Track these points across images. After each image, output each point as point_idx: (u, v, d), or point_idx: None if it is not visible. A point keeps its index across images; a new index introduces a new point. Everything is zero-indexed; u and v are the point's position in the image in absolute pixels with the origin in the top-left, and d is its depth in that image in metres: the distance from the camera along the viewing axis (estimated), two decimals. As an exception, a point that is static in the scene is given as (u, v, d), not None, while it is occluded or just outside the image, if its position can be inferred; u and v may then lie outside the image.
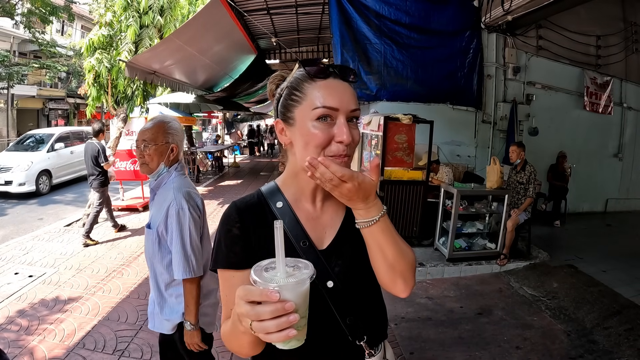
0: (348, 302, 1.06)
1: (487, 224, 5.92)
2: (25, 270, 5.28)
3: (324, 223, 1.12)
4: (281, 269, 0.79)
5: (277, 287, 0.74)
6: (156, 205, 2.11)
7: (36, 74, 23.08)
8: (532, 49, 8.00)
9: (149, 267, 2.19)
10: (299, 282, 0.77)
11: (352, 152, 1.01)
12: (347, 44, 6.48)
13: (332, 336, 1.07)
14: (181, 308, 2.08)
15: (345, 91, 1.00)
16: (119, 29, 7.57)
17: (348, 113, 0.99)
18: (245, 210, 1.11)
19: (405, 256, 1.03)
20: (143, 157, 2.07)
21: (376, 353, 1.13)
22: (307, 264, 0.83)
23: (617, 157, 9.28)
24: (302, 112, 1.00)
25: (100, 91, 7.66)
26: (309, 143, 0.98)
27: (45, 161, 11.52)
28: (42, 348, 3.49)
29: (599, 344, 3.79)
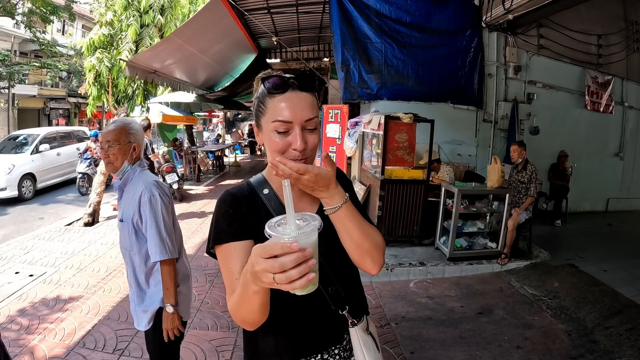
0: (329, 273, 1.22)
1: (488, 223, 5.91)
2: (25, 270, 5.28)
3: (304, 204, 1.27)
4: (292, 223, 0.89)
5: (292, 238, 0.83)
6: (126, 200, 2.23)
7: (37, 73, 23.12)
8: (533, 47, 7.99)
9: (126, 263, 2.29)
10: (311, 231, 0.87)
11: (309, 154, 1.16)
12: (347, 42, 6.45)
13: (317, 306, 1.22)
14: (160, 295, 2.20)
15: (300, 103, 1.13)
16: (119, 28, 7.58)
17: (302, 123, 1.12)
18: (238, 196, 1.26)
19: (369, 237, 1.18)
20: (108, 156, 2.20)
21: (359, 323, 1.28)
22: (313, 216, 0.93)
23: (618, 157, 9.28)
24: (266, 122, 1.16)
25: (101, 90, 7.67)
26: (271, 148, 1.15)
27: (29, 164, 10.70)
28: (42, 347, 3.49)
29: (600, 344, 3.79)
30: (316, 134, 1.17)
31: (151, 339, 2.27)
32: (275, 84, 1.13)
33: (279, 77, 1.13)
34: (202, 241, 6.59)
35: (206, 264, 5.63)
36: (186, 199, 9.97)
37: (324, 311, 1.23)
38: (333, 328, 1.27)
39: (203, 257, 5.91)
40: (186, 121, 13.52)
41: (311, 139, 1.15)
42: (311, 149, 1.16)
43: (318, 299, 1.20)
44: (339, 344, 1.28)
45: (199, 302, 4.45)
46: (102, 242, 6.48)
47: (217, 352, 3.50)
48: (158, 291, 2.20)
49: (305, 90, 1.15)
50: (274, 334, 1.22)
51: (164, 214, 2.17)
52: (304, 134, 1.13)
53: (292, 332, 1.22)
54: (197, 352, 3.49)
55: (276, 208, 1.23)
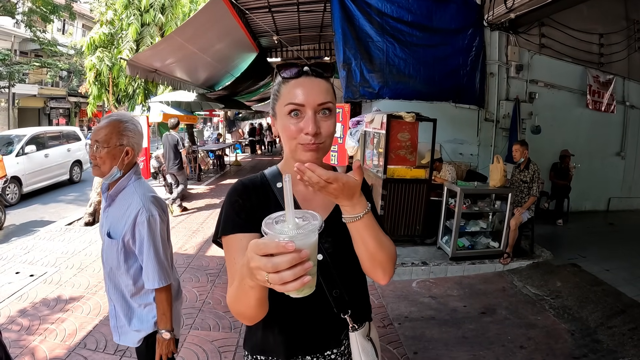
0: (335, 276, 1.20)
1: (490, 223, 5.89)
2: (26, 270, 5.26)
3: (317, 204, 1.24)
4: (291, 221, 0.85)
5: (288, 237, 0.79)
6: (116, 212, 1.99)
7: (37, 72, 23.13)
8: (534, 47, 7.97)
9: (107, 277, 2.07)
10: (310, 232, 0.83)
11: (323, 141, 1.14)
12: (349, 41, 6.44)
13: (319, 308, 1.20)
14: (151, 317, 2.03)
15: (314, 87, 1.13)
16: (120, 27, 7.58)
17: (315, 107, 1.11)
18: (250, 186, 1.26)
19: (384, 248, 1.14)
20: (95, 159, 1.95)
21: (359, 328, 1.25)
22: (314, 215, 0.89)
23: (620, 156, 9.26)
24: (280, 108, 1.16)
25: (102, 89, 7.67)
26: (284, 134, 1.15)
27: (14, 167, 9.78)
28: (43, 348, 3.47)
29: (603, 344, 3.77)
30: (331, 121, 1.16)
31: (143, 357, 2.10)
32: (289, 70, 1.15)
33: (293, 64, 1.15)
34: (203, 241, 6.58)
35: (207, 263, 5.61)
36: (187, 199, 9.94)
37: (325, 313, 1.22)
38: (333, 331, 1.25)
39: (204, 256, 5.90)
40: (187, 120, 13.48)
41: (325, 125, 1.14)
42: (326, 135, 1.14)
43: (320, 300, 1.19)
44: (336, 348, 1.26)
45: (200, 302, 4.43)
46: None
47: (220, 352, 3.48)
48: (149, 313, 2.03)
49: (319, 77, 1.16)
50: (273, 330, 1.22)
51: (163, 236, 1.98)
52: (318, 119, 1.12)
53: (290, 330, 1.22)
54: (199, 352, 3.48)
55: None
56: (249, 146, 22.90)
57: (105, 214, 2.06)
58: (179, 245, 6.32)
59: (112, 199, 2.02)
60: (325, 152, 1.17)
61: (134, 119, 2.07)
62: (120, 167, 1.97)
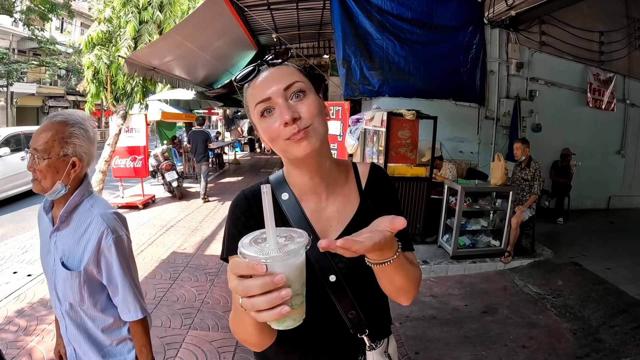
0: (351, 297, 1.06)
1: (491, 221, 5.87)
2: (24, 269, 5.22)
3: (329, 216, 1.12)
4: (272, 240, 0.74)
5: (266, 259, 0.69)
6: (69, 236, 1.61)
7: (35, 71, 23.11)
8: (535, 44, 7.94)
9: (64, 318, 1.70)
10: (289, 252, 0.71)
11: (310, 124, 0.98)
12: (348, 39, 6.42)
13: (334, 329, 1.09)
14: (127, 351, 1.73)
15: (273, 75, 1.00)
16: (118, 25, 7.53)
17: (282, 93, 0.98)
18: (252, 199, 1.13)
19: (412, 280, 1.02)
20: (34, 171, 1.54)
21: (377, 347, 1.14)
22: (301, 233, 0.77)
23: (620, 154, 9.25)
24: (253, 115, 1.03)
25: (100, 88, 7.63)
26: (267, 138, 1.02)
27: None
28: (40, 349, 3.43)
29: (605, 343, 3.75)
30: (309, 99, 1.00)
31: None
32: (244, 75, 1.03)
33: (247, 68, 1.04)
34: (202, 240, 6.54)
35: (206, 262, 5.58)
36: (185, 197, 9.92)
37: (340, 334, 1.10)
38: (348, 351, 1.14)
39: (203, 256, 5.86)
40: (185, 118, 13.47)
41: (304, 106, 0.98)
42: (310, 116, 0.98)
43: (335, 321, 1.08)
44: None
45: (199, 302, 4.39)
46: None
47: (219, 353, 3.45)
48: (124, 348, 1.73)
49: (275, 65, 1.03)
50: (285, 349, 1.12)
51: (132, 257, 1.71)
52: (292, 104, 0.98)
53: (303, 350, 1.12)
54: (198, 353, 3.44)
55: (296, 217, 1.09)
56: (247, 144, 22.87)
57: (52, 239, 1.65)
58: (177, 244, 6.29)
59: (61, 221, 1.61)
60: (319, 135, 1.00)
61: (83, 122, 1.63)
62: (65, 182, 1.56)
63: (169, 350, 3.46)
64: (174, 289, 4.72)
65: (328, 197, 1.13)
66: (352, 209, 1.13)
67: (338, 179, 1.15)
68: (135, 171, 8.91)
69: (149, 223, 7.53)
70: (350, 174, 1.19)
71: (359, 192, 1.16)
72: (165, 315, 4.08)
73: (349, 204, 1.13)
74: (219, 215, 8.17)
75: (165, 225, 7.41)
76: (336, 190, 1.14)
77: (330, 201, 1.13)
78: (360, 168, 1.20)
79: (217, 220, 7.77)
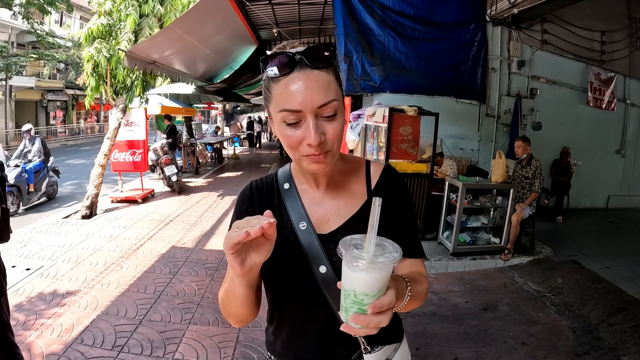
0: None
1: (492, 219, 5.87)
2: (22, 263, 5.20)
3: (328, 209, 1.11)
4: (370, 248, 0.79)
5: (366, 264, 0.76)
6: None
7: (34, 65, 23.06)
8: (536, 43, 7.92)
9: None
10: (390, 263, 0.77)
11: (330, 147, 0.96)
12: (350, 34, 6.39)
13: (327, 323, 1.05)
14: None
15: (311, 85, 0.91)
16: (118, 18, 7.48)
17: (315, 110, 0.92)
18: (258, 190, 1.16)
19: (420, 300, 1.03)
20: None
21: (374, 351, 1.09)
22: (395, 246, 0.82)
23: (620, 154, 9.25)
24: (274, 112, 0.96)
25: (99, 81, 7.58)
26: (284, 143, 0.98)
27: None
28: (39, 343, 3.42)
29: (604, 341, 3.75)
30: (337, 121, 0.96)
31: None
32: (277, 66, 0.93)
33: (282, 54, 0.93)
34: (202, 234, 6.53)
35: (206, 257, 5.57)
36: (185, 192, 9.91)
37: (333, 330, 0.99)
38: (343, 349, 1.10)
39: (203, 250, 5.85)
40: (185, 113, 13.44)
41: (331, 128, 0.94)
42: (332, 140, 0.95)
43: (328, 316, 1.03)
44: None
45: (199, 297, 4.38)
46: (100, 235, 6.41)
47: (219, 348, 3.44)
48: None
49: (318, 67, 0.93)
50: (281, 336, 1.16)
51: None
52: (320, 123, 0.93)
53: (296, 340, 1.14)
54: (198, 348, 3.43)
55: (294, 207, 1.10)
56: (247, 139, 22.84)
57: None
58: (177, 239, 6.28)
59: None
60: (335, 157, 1.00)
61: None
62: None
63: (169, 345, 3.45)
64: (173, 283, 4.71)
65: (329, 191, 1.13)
66: (356, 206, 1.11)
67: (344, 174, 1.15)
68: (135, 165, 8.90)
69: (148, 217, 7.52)
70: (361, 172, 1.17)
71: (367, 191, 1.14)
72: (165, 310, 4.07)
73: (353, 200, 1.12)
74: (219, 210, 8.16)
75: (164, 219, 7.40)
76: (339, 185, 1.13)
77: (331, 195, 1.12)
78: (373, 167, 1.18)
79: (217, 215, 7.76)
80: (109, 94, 7.68)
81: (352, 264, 0.76)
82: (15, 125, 21.90)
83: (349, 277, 0.78)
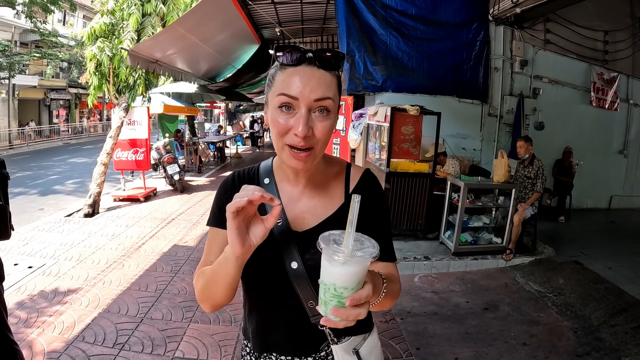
0: (311, 286, 1.05)
1: (494, 218, 5.86)
2: (24, 261, 5.22)
3: (305, 207, 1.14)
4: (349, 243, 0.81)
5: (343, 257, 0.78)
6: None
7: (37, 64, 23.11)
8: (539, 42, 7.90)
9: None
10: (367, 257, 0.80)
11: (316, 144, 1.00)
12: (353, 33, 6.40)
13: (294, 314, 1.10)
14: None
15: (313, 79, 0.97)
16: (121, 17, 7.49)
17: (311, 103, 0.96)
18: (238, 180, 1.19)
19: (391, 300, 1.06)
20: None
21: (340, 342, 1.14)
22: (372, 242, 0.85)
23: (622, 154, 9.21)
24: (272, 97, 1.01)
25: (102, 80, 7.60)
26: (273, 129, 1.01)
27: None
28: (40, 341, 3.43)
29: (605, 342, 3.74)
30: (328, 122, 1.00)
31: None
32: (289, 54, 0.98)
33: (295, 47, 0.98)
34: (204, 233, 6.54)
35: (207, 256, 5.57)
36: (187, 190, 9.92)
37: (301, 320, 1.11)
38: (310, 338, 1.16)
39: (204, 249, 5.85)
40: (187, 112, 13.46)
41: (320, 126, 0.98)
42: (320, 138, 0.99)
43: (296, 307, 1.08)
44: (313, 354, 1.17)
45: (200, 295, 4.39)
46: (102, 233, 6.43)
47: (220, 346, 3.45)
48: None
49: (324, 68, 0.99)
50: (252, 322, 1.21)
51: None
52: (312, 118, 0.98)
53: (265, 327, 1.18)
54: (199, 346, 3.44)
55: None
56: (249, 138, 22.85)
57: None
58: (179, 237, 6.29)
59: None
60: (316, 158, 1.03)
61: None
62: None
63: (170, 344, 3.46)
64: (175, 281, 4.72)
65: (307, 190, 1.15)
66: (333, 207, 1.14)
67: (325, 175, 1.18)
68: (137, 164, 8.92)
69: (151, 216, 7.53)
70: (341, 174, 1.20)
71: (345, 193, 1.16)
72: (167, 308, 4.08)
73: (330, 201, 1.15)
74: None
75: (166, 218, 7.41)
76: (319, 186, 1.16)
77: (309, 194, 1.15)
78: (353, 171, 1.20)
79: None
80: (112, 92, 7.70)
81: (333, 258, 0.79)
82: (19, 124, 21.97)
83: (329, 271, 0.81)
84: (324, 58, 0.98)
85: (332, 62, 0.99)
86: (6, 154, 18.20)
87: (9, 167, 2.60)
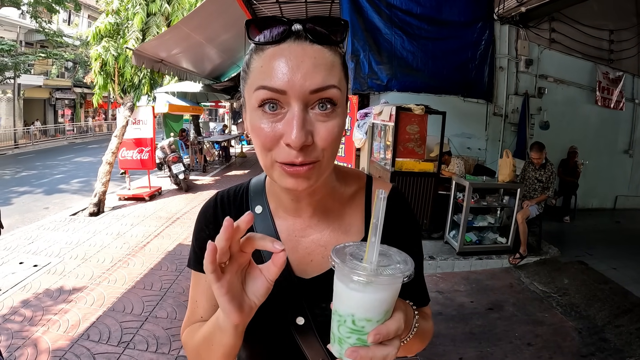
0: (320, 346, 0.80)
1: (499, 218, 5.85)
2: (30, 260, 5.25)
3: (311, 245, 0.84)
4: (373, 258, 0.59)
5: (365, 279, 0.56)
6: None
7: (42, 63, 23.22)
8: (544, 41, 7.87)
9: None
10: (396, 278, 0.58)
11: (320, 155, 0.68)
12: (357, 33, 6.38)
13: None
14: None
15: (305, 60, 0.64)
16: (125, 17, 7.53)
17: (306, 96, 0.64)
18: (223, 207, 0.89)
19: (422, 342, 0.84)
20: None
21: None
22: (404, 256, 0.62)
23: (628, 154, 9.16)
24: (248, 93, 0.69)
25: (107, 79, 7.63)
26: (254, 139, 0.69)
27: None
28: (45, 339, 3.45)
29: (610, 342, 3.73)
30: (335, 120, 0.67)
31: None
32: (267, 31, 0.66)
33: (274, 18, 0.66)
34: (208, 233, 6.54)
35: (212, 255, 5.58)
36: (192, 189, 9.94)
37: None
38: None
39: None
40: (192, 111, 13.49)
41: (323, 129, 0.66)
42: (323, 146, 0.67)
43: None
44: None
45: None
46: (107, 232, 6.45)
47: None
48: None
49: (319, 42, 0.66)
50: None
51: None
52: (309, 118, 0.66)
53: None
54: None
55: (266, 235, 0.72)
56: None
57: None
58: (183, 237, 6.30)
59: None
60: (324, 173, 0.71)
61: None
62: None
63: (174, 342, 3.47)
64: (180, 280, 4.73)
65: (314, 220, 0.85)
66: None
67: (337, 197, 0.86)
68: (142, 163, 8.93)
69: (155, 215, 7.55)
70: (359, 195, 0.88)
71: (366, 223, 0.86)
72: (171, 307, 4.09)
73: (345, 236, 0.84)
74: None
75: (171, 217, 7.43)
76: (329, 213, 0.85)
77: (316, 226, 0.85)
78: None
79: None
80: (117, 92, 7.73)
81: (351, 279, 0.57)
82: (24, 123, 22.07)
83: (346, 297, 0.59)
84: (316, 30, 0.66)
85: (329, 32, 0.67)
86: (12, 153, 18.32)
87: (15, 166, 2.61)
